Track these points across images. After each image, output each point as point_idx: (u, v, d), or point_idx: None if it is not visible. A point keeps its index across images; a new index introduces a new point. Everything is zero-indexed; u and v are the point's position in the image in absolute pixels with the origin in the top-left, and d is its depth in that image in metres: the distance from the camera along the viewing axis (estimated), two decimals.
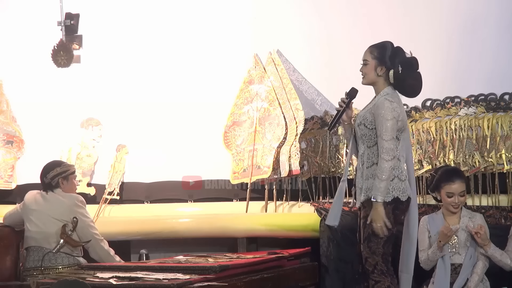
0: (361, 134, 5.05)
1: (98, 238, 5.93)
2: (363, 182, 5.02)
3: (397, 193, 4.95)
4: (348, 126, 5.22)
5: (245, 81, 7.21)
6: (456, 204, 5.54)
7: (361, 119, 5.05)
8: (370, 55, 5.11)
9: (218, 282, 4.87)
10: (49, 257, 5.75)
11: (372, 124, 4.99)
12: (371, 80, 5.11)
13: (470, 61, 6.66)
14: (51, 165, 6.07)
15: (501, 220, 6.14)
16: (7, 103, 7.32)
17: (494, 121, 6.31)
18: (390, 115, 4.93)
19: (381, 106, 4.96)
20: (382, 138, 4.91)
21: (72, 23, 6.51)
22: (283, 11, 7.15)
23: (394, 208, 4.97)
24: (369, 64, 5.10)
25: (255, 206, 6.96)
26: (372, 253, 4.96)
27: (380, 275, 4.95)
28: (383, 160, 4.89)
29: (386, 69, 5.06)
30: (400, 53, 5.09)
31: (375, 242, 4.96)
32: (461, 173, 5.81)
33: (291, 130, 6.91)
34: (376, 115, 4.96)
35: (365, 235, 4.98)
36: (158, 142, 7.20)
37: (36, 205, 5.94)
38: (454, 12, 6.75)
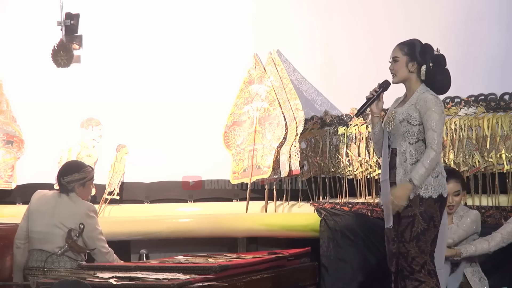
0: (403, 130, 4.96)
1: (104, 251, 5.80)
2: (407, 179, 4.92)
3: (442, 189, 4.92)
4: (377, 120, 5.13)
5: (245, 81, 7.21)
6: (451, 204, 5.53)
7: (404, 115, 4.97)
8: (400, 51, 5.06)
9: (218, 282, 4.87)
10: (52, 259, 5.70)
11: (416, 121, 4.94)
12: (403, 77, 5.06)
13: (470, 61, 6.66)
14: (70, 169, 5.90)
15: (501, 220, 6.14)
16: (7, 103, 7.33)
17: (494, 121, 6.31)
18: (439, 109, 4.92)
19: (428, 101, 4.92)
20: (434, 130, 4.86)
21: (72, 23, 6.51)
22: (283, 11, 7.15)
23: (440, 206, 4.93)
24: (400, 60, 5.04)
25: (255, 206, 6.96)
26: (421, 252, 4.88)
27: (427, 275, 4.87)
28: (432, 150, 4.84)
29: (417, 65, 5.03)
30: (429, 50, 5.08)
31: (424, 240, 4.88)
32: (456, 173, 5.78)
33: (291, 130, 6.91)
34: (425, 109, 4.90)
35: (413, 234, 4.88)
36: (158, 142, 7.20)
37: (45, 207, 5.84)
38: (454, 12, 6.75)
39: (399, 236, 4.96)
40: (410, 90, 5.07)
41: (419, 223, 4.88)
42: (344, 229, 6.52)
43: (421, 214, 4.88)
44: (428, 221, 4.89)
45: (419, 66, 5.03)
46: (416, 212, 4.89)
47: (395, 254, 4.98)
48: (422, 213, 4.88)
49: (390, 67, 5.10)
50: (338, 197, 6.73)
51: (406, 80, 5.08)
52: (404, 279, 4.93)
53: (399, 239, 4.96)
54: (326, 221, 6.56)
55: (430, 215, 4.89)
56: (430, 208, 4.89)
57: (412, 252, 4.90)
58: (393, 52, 5.09)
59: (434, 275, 4.91)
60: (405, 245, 4.93)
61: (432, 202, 4.89)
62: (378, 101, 5.10)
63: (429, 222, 4.89)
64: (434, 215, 4.90)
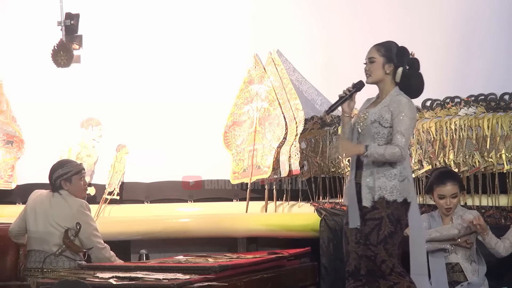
0: (374, 131, 4.95)
1: (100, 247, 5.81)
2: (374, 181, 4.92)
3: (406, 194, 4.91)
4: (348, 119, 5.12)
5: (245, 81, 7.21)
6: (448, 207, 5.53)
7: (376, 117, 4.96)
8: (377, 52, 5.04)
9: (218, 282, 4.87)
10: (50, 259, 5.70)
11: (388, 122, 4.92)
12: (378, 78, 5.04)
13: (470, 61, 6.66)
14: (55, 166, 5.92)
15: (501, 220, 6.15)
16: (7, 103, 7.33)
17: (494, 121, 6.31)
18: (412, 114, 4.92)
19: (402, 104, 4.91)
20: (403, 134, 4.85)
21: (72, 23, 6.51)
22: (283, 11, 7.15)
23: (406, 210, 4.93)
24: (376, 61, 5.03)
25: (255, 206, 6.96)
26: (389, 255, 4.87)
27: (398, 276, 4.87)
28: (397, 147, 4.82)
29: (394, 67, 5.03)
30: (405, 52, 5.07)
31: (391, 243, 4.87)
32: (454, 175, 5.76)
33: (291, 130, 6.91)
34: (397, 112, 4.89)
35: (380, 237, 4.87)
36: (158, 142, 7.20)
37: (41, 207, 5.86)
38: (454, 12, 6.76)
39: (364, 239, 4.93)
40: (384, 92, 5.05)
41: (386, 225, 4.86)
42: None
43: (388, 216, 4.87)
44: (395, 224, 4.88)
45: (396, 68, 5.02)
46: (383, 214, 4.87)
47: (362, 256, 4.95)
48: (389, 216, 4.87)
49: (365, 68, 5.07)
50: (338, 197, 6.73)
51: (380, 82, 5.06)
52: (378, 279, 4.92)
53: (364, 242, 4.93)
54: (326, 221, 6.56)
55: (397, 218, 4.88)
56: (397, 211, 4.88)
57: (380, 255, 4.88)
58: (369, 52, 5.07)
59: (405, 274, 4.90)
60: (371, 248, 4.91)
61: (398, 205, 4.88)
62: (350, 100, 5.09)
63: (396, 225, 4.88)
64: (401, 218, 4.90)
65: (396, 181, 4.87)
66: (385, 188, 4.88)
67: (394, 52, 5.03)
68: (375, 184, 4.91)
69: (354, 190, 4.98)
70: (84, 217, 5.78)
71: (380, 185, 4.89)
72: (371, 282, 4.95)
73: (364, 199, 4.93)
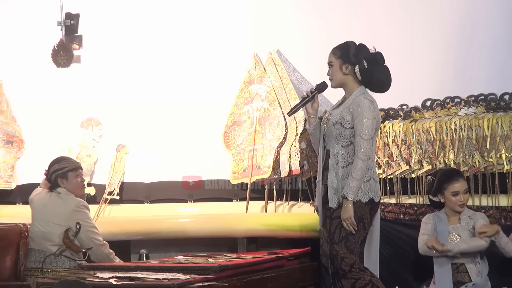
0: (336, 133, 5.01)
1: (98, 244, 5.83)
2: (338, 182, 5.00)
3: (373, 194, 5.00)
4: (313, 120, 5.19)
5: (245, 81, 7.21)
6: (462, 203, 5.57)
7: (337, 118, 5.02)
8: (333, 56, 5.12)
9: (218, 282, 4.87)
10: (50, 259, 5.71)
11: (349, 124, 4.97)
12: (339, 80, 5.10)
13: (470, 61, 6.66)
14: (53, 162, 5.93)
15: (501, 220, 6.14)
16: (7, 103, 7.33)
17: (494, 121, 6.31)
18: (371, 115, 4.94)
19: (361, 105, 4.95)
20: (362, 137, 4.90)
21: (72, 23, 6.52)
22: (283, 11, 7.15)
23: (371, 209, 5.01)
24: (334, 64, 5.10)
25: (255, 206, 6.96)
26: (350, 253, 4.96)
27: (359, 272, 4.96)
28: (360, 159, 4.90)
29: (351, 66, 5.04)
30: (363, 49, 5.10)
31: (352, 241, 4.97)
32: (462, 173, 5.87)
33: (291, 130, 6.91)
34: (356, 114, 4.94)
35: (342, 235, 4.97)
36: (158, 142, 7.20)
37: (39, 206, 5.87)
38: (454, 12, 6.75)
39: (330, 238, 5.04)
40: (348, 93, 5.11)
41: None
42: None
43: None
44: (358, 223, 4.95)
45: (353, 67, 5.04)
46: None
47: (330, 256, 5.07)
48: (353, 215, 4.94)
49: (327, 73, 5.13)
50: None
51: (343, 83, 5.11)
52: (340, 279, 5.01)
53: (330, 241, 5.04)
54: None
55: (359, 217, 4.95)
56: (359, 210, 4.95)
57: (341, 252, 4.97)
58: (328, 57, 5.16)
59: (365, 269, 4.99)
60: (334, 246, 5.01)
61: (362, 205, 4.95)
62: (313, 102, 5.16)
63: (358, 223, 4.96)
64: (363, 217, 4.97)
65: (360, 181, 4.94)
66: None
67: (352, 51, 5.08)
68: (340, 185, 4.99)
69: (321, 192, 5.10)
70: (82, 215, 5.79)
71: (344, 185, 4.96)
72: (335, 282, 5.06)
73: (330, 201, 5.05)
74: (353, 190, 4.90)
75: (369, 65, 5.03)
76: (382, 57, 5.09)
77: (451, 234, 5.58)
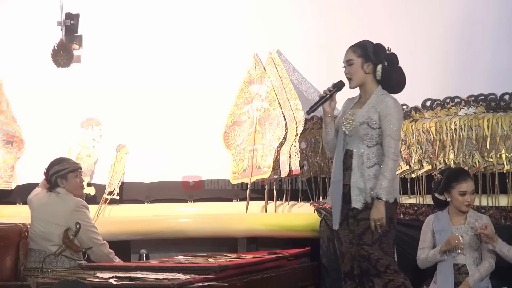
0: (362, 133, 4.94)
1: (98, 243, 5.83)
2: (364, 182, 4.92)
3: (396, 193, 4.98)
4: (330, 119, 5.11)
5: (245, 81, 7.21)
6: (468, 203, 5.57)
7: (364, 118, 4.94)
8: (354, 54, 5.03)
9: (218, 282, 4.87)
10: (50, 259, 5.71)
11: (376, 124, 4.91)
12: (360, 79, 5.02)
13: (470, 61, 6.66)
14: (52, 163, 5.93)
15: (501, 220, 6.14)
16: (7, 103, 7.33)
17: (494, 121, 6.31)
18: (399, 115, 4.92)
19: (389, 105, 4.91)
20: (392, 137, 4.86)
21: (72, 23, 6.52)
22: (283, 11, 7.15)
23: (397, 209, 5.01)
24: (355, 63, 5.01)
25: (255, 206, 6.96)
26: (385, 254, 4.92)
27: (393, 273, 4.92)
28: (391, 159, 4.85)
29: (373, 65, 5.01)
30: (382, 49, 5.05)
31: (386, 243, 4.92)
32: (469, 173, 5.87)
33: (291, 130, 6.91)
34: (385, 114, 4.89)
35: (375, 237, 4.90)
36: (158, 142, 7.20)
37: (38, 207, 5.88)
38: (454, 12, 6.75)
39: (357, 239, 4.96)
40: (367, 92, 5.04)
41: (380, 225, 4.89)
42: None
43: None
44: (389, 223, 4.92)
45: (375, 66, 5.01)
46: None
47: (355, 257, 4.98)
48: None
49: (345, 71, 5.06)
50: None
51: (363, 83, 5.05)
52: (371, 278, 4.95)
53: (357, 242, 4.96)
54: (326, 221, 6.55)
55: (389, 217, 4.91)
56: (390, 210, 4.91)
57: (375, 254, 4.92)
58: (346, 55, 5.06)
59: (399, 271, 4.97)
60: (364, 247, 4.93)
61: (390, 205, 4.92)
62: (331, 100, 5.08)
63: (390, 224, 4.92)
64: (393, 217, 4.95)
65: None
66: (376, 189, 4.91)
67: (371, 50, 5.02)
68: (366, 186, 4.92)
69: (340, 191, 4.99)
70: (81, 215, 5.79)
71: (371, 186, 4.91)
72: (365, 282, 4.99)
73: (354, 201, 4.95)
74: (386, 190, 4.84)
75: (388, 65, 5.01)
76: (397, 58, 5.06)
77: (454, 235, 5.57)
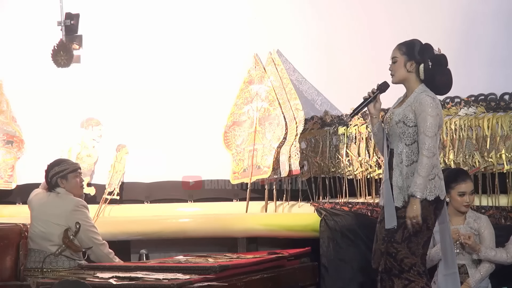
0: (399, 132, 4.95)
1: (97, 243, 5.84)
2: (403, 181, 4.91)
3: (439, 191, 4.90)
4: (376, 120, 5.12)
5: (245, 81, 7.21)
6: (468, 203, 5.58)
7: (400, 117, 4.95)
8: (398, 51, 5.05)
9: (218, 282, 4.88)
10: (50, 259, 5.72)
11: (412, 122, 4.91)
12: (402, 77, 5.04)
13: (470, 61, 6.65)
14: (52, 164, 5.97)
15: (501, 220, 6.15)
16: (7, 103, 7.33)
17: (494, 121, 6.31)
18: (434, 112, 4.89)
19: (424, 103, 4.89)
20: (426, 134, 4.84)
21: (72, 23, 6.52)
22: (283, 11, 7.15)
23: (436, 208, 4.92)
24: (398, 60, 5.03)
25: (255, 206, 6.96)
26: (412, 254, 4.89)
27: (416, 275, 4.88)
28: (425, 156, 4.82)
29: (416, 64, 5.01)
30: (429, 49, 5.06)
31: (415, 242, 4.89)
32: (468, 173, 5.87)
33: (291, 130, 6.91)
34: (419, 112, 4.89)
35: (405, 235, 4.88)
36: (158, 142, 7.20)
37: (38, 207, 5.89)
38: (453, 12, 6.75)
39: (389, 236, 4.94)
40: (410, 90, 5.05)
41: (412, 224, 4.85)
42: (344, 229, 6.51)
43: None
44: (422, 223, 4.86)
45: (418, 65, 5.02)
46: None
47: (383, 253, 4.96)
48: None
49: (389, 68, 5.09)
50: (338, 197, 6.73)
51: (405, 80, 5.05)
52: (392, 277, 4.92)
53: (388, 239, 4.94)
54: (326, 221, 6.56)
55: (423, 217, 4.85)
56: (424, 210, 4.85)
57: (402, 252, 4.89)
58: (392, 52, 5.09)
59: (424, 275, 4.92)
60: (394, 245, 4.91)
61: (427, 204, 4.87)
62: (376, 102, 5.09)
63: (422, 224, 4.86)
64: (427, 218, 4.88)
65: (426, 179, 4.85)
66: None
67: (417, 49, 5.03)
68: (404, 184, 4.91)
69: (390, 190, 4.97)
70: (81, 215, 5.81)
71: (409, 184, 4.88)
72: (386, 279, 4.96)
73: (395, 199, 4.94)
74: (420, 187, 4.81)
75: (433, 66, 5.02)
76: (446, 59, 5.06)
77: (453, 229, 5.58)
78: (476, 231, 5.61)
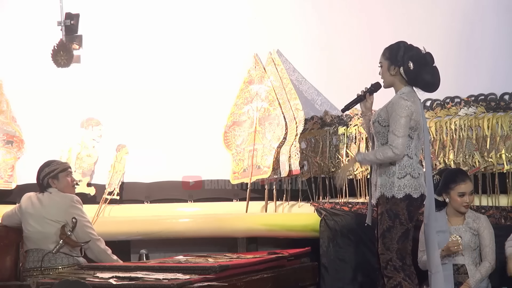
0: (375, 131, 5.11)
1: (94, 238, 5.89)
2: (377, 178, 5.09)
3: (409, 190, 5.00)
4: (367, 118, 5.27)
5: (245, 81, 7.21)
6: (467, 204, 5.59)
7: (375, 117, 5.11)
8: (383, 56, 5.17)
9: (218, 282, 4.87)
10: (48, 257, 5.74)
11: (385, 122, 5.04)
12: (388, 81, 5.16)
13: (470, 61, 6.66)
14: (42, 166, 6.04)
15: (501, 220, 6.15)
16: (7, 103, 7.32)
17: (494, 121, 6.31)
18: (404, 113, 4.97)
19: (395, 104, 5.01)
20: (395, 134, 4.96)
21: (72, 23, 6.51)
22: (283, 11, 7.15)
23: (408, 205, 5.01)
24: (383, 65, 5.16)
25: (255, 206, 6.96)
26: (387, 249, 5.00)
27: (393, 271, 4.99)
28: (390, 150, 4.94)
29: (397, 68, 5.08)
30: (410, 50, 5.11)
31: (389, 238, 5.00)
32: (467, 173, 5.89)
33: (291, 130, 6.91)
34: (391, 112, 5.01)
35: (380, 232, 5.04)
36: (158, 142, 7.20)
37: (32, 208, 5.91)
38: (454, 12, 6.76)
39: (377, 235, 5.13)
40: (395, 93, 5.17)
41: (385, 220, 5.01)
42: (344, 229, 6.52)
43: (386, 211, 5.02)
44: (393, 219, 5.00)
45: (399, 68, 5.07)
46: (383, 210, 5.03)
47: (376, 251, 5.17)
48: (388, 211, 5.01)
49: (379, 73, 5.19)
50: (338, 197, 6.73)
51: (392, 84, 5.18)
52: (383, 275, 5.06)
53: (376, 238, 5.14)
54: (326, 221, 6.57)
55: (395, 213, 4.99)
56: (395, 206, 4.99)
57: (380, 249, 5.05)
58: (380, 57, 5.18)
59: (400, 270, 5.00)
60: (376, 243, 5.12)
61: (397, 201, 4.99)
62: (366, 101, 5.24)
63: (394, 220, 5.00)
64: (399, 213, 5.00)
65: (395, 178, 5.00)
66: (384, 185, 5.03)
67: (399, 53, 5.10)
68: (378, 182, 5.08)
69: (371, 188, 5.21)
70: (76, 210, 5.88)
71: (381, 182, 5.06)
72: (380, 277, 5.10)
73: (372, 197, 5.18)
74: (365, 157, 5.15)
75: (416, 66, 5.05)
76: (431, 58, 5.12)
77: (452, 235, 5.58)
78: (476, 231, 5.61)
